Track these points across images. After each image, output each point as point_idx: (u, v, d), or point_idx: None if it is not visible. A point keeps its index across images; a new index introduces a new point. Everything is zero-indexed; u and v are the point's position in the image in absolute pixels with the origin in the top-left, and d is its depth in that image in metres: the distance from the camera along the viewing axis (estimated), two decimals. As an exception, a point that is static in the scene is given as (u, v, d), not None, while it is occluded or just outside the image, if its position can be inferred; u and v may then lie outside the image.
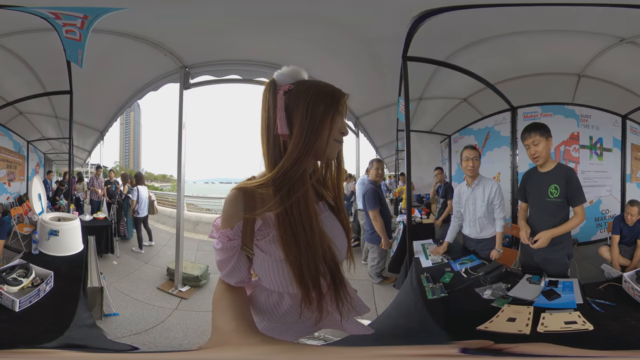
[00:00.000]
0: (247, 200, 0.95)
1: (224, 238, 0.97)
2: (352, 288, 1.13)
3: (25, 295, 2.10)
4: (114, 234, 3.81)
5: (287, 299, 1.05)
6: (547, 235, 2.33)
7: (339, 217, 1.12)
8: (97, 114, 4.01)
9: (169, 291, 3.36)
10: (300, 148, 0.91)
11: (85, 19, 2.47)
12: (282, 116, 0.93)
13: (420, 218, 4.08)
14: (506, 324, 1.87)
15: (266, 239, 0.97)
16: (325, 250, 0.97)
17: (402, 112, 3.42)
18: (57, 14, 2.46)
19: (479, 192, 2.90)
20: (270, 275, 1.00)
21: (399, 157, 4.43)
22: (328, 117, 0.93)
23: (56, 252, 2.83)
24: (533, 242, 2.37)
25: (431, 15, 2.82)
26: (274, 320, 1.07)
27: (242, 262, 1.01)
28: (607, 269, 2.96)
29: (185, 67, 3.42)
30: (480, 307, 2.10)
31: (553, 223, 2.40)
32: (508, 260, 3.00)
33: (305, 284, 0.95)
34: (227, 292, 1.02)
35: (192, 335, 2.77)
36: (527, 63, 3.47)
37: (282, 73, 0.98)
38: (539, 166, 2.49)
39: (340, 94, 0.97)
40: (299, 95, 0.93)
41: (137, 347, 2.40)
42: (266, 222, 0.96)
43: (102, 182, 4.19)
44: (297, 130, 0.92)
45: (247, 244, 0.98)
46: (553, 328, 1.78)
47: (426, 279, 2.47)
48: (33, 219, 3.37)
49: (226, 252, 0.99)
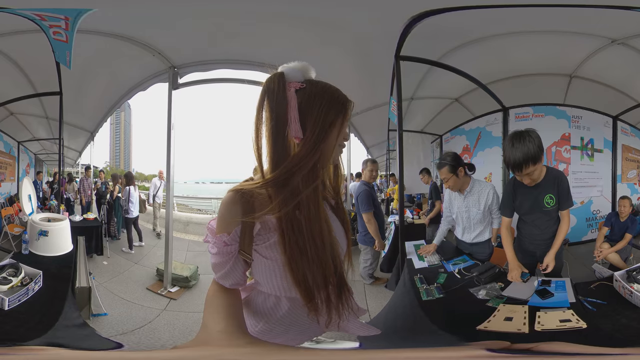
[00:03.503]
0: (245, 203, 0.89)
1: (220, 243, 0.93)
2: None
3: (15, 294, 2.14)
4: (104, 235, 3.81)
5: (285, 302, 1.02)
6: (553, 256, 2.29)
7: (338, 214, 1.10)
8: (87, 114, 4.02)
9: (158, 292, 3.38)
10: (307, 149, 0.88)
11: (67, 20, 2.47)
12: (297, 117, 0.89)
13: (412, 218, 4.08)
14: (504, 324, 1.88)
15: (266, 244, 0.93)
16: (336, 261, 0.95)
17: (394, 112, 3.42)
18: (42, 15, 2.46)
19: (473, 200, 2.73)
20: (271, 281, 0.98)
21: (390, 156, 4.43)
22: (338, 122, 0.92)
23: (46, 252, 2.85)
24: (543, 270, 2.30)
25: (426, 16, 2.82)
26: (271, 322, 1.05)
27: (238, 266, 0.97)
28: (598, 268, 2.99)
29: (174, 67, 3.42)
30: (476, 308, 2.11)
31: (551, 227, 2.40)
32: (500, 260, 2.99)
33: (312, 297, 0.92)
34: (220, 293, 0.99)
35: (178, 336, 2.78)
36: (519, 64, 3.47)
37: (292, 68, 0.93)
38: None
39: (349, 101, 0.95)
40: (315, 97, 0.91)
41: (122, 345, 2.42)
42: (266, 226, 0.92)
43: (91, 183, 4.20)
44: (308, 131, 0.89)
45: (245, 249, 0.93)
46: (549, 326, 1.81)
47: (420, 280, 2.46)
48: (23, 219, 3.38)
49: (222, 257, 0.95)
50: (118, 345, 2.41)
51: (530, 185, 2.25)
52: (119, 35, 3.13)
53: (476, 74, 3.50)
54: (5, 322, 1.98)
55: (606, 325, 1.79)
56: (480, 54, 3.36)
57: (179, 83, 3.46)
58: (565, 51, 3.30)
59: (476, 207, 2.72)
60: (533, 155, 2.03)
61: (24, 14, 2.52)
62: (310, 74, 0.96)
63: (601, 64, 3.27)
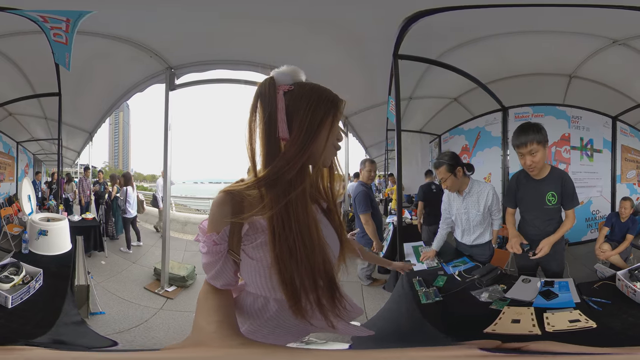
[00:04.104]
0: (234, 204, 0.92)
1: (210, 242, 0.95)
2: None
3: (17, 292, 2.20)
4: (102, 235, 3.83)
5: (273, 304, 1.03)
6: (550, 242, 2.28)
7: (331, 218, 1.10)
8: (85, 115, 4.05)
9: (156, 291, 3.39)
10: (295, 150, 0.89)
11: (68, 22, 2.49)
12: (284, 118, 0.91)
13: (410, 219, 4.07)
14: (512, 326, 1.88)
15: (253, 244, 0.95)
16: (326, 264, 0.95)
17: (392, 112, 3.41)
18: (45, 17, 2.49)
19: (472, 201, 2.69)
20: (257, 281, 0.98)
21: (389, 156, 4.42)
22: (327, 121, 0.93)
23: (45, 252, 2.90)
24: (533, 254, 2.30)
25: (424, 15, 2.80)
26: (258, 324, 1.06)
27: (228, 266, 0.98)
28: (600, 268, 2.96)
29: (171, 68, 3.42)
30: (478, 310, 2.09)
31: (551, 227, 2.39)
32: (500, 261, 2.96)
33: (297, 299, 0.93)
34: (211, 294, 1.00)
35: (173, 335, 2.79)
36: (519, 63, 3.45)
37: (282, 72, 0.96)
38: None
39: (339, 100, 0.96)
40: (301, 98, 0.92)
41: (117, 343, 2.45)
42: (253, 227, 0.94)
43: (90, 183, 4.22)
44: (295, 131, 0.90)
45: (234, 249, 0.95)
46: (560, 327, 1.81)
47: (418, 283, 2.43)
48: (23, 219, 3.42)
49: (212, 256, 0.97)
50: (114, 343, 2.44)
51: (532, 171, 2.29)
52: (117, 37, 3.15)
53: (475, 74, 3.48)
54: (11, 321, 2.04)
55: (615, 324, 1.80)
56: (479, 53, 3.35)
57: (176, 84, 3.47)
58: (566, 51, 3.28)
59: (475, 208, 2.68)
60: (536, 129, 2.17)
61: (29, 15, 2.54)
62: (299, 77, 0.97)
63: (601, 65, 3.25)
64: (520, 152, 2.24)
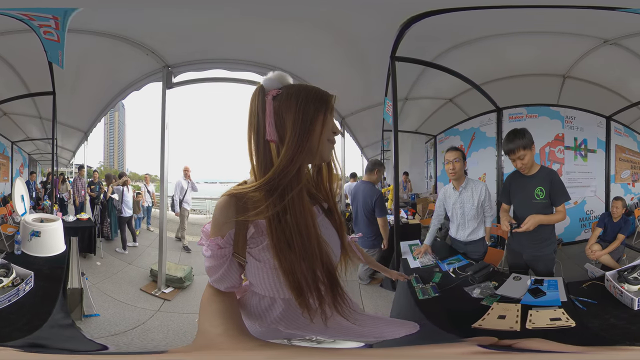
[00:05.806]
0: (238, 207, 0.92)
1: (214, 246, 0.94)
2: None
3: (5, 294, 2.12)
4: (97, 235, 3.79)
5: (279, 304, 1.03)
6: (535, 220, 2.34)
7: (331, 219, 1.10)
8: (80, 114, 4.00)
9: (152, 292, 3.36)
10: (293, 149, 0.90)
11: (57, 20, 2.46)
12: (271, 122, 0.92)
13: (407, 218, 4.08)
14: (497, 321, 1.91)
15: (259, 247, 0.95)
16: (323, 255, 0.95)
17: (388, 112, 3.42)
18: (29, 15, 2.44)
19: (467, 195, 2.84)
20: (264, 283, 0.99)
21: (385, 156, 4.43)
22: (319, 117, 0.93)
23: (38, 253, 2.85)
24: (517, 227, 2.39)
25: (421, 18, 2.82)
26: (265, 324, 1.06)
27: (233, 269, 0.98)
28: (590, 268, 3.00)
29: (168, 67, 3.40)
30: (470, 306, 2.13)
31: (538, 227, 2.41)
32: (494, 259, 3.02)
33: (301, 291, 0.93)
34: (215, 296, 1.00)
35: (172, 337, 2.76)
36: (513, 64, 3.48)
37: (269, 78, 0.98)
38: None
39: (328, 95, 0.97)
40: (290, 98, 0.93)
41: (107, 347, 2.39)
42: (259, 230, 0.94)
43: (85, 183, 4.18)
44: (289, 131, 0.91)
45: (239, 252, 0.95)
46: (539, 325, 1.84)
47: (415, 280, 2.47)
48: (16, 219, 3.37)
49: (216, 260, 0.96)
50: (103, 347, 2.38)
51: (523, 171, 2.50)
52: (112, 34, 3.12)
53: (470, 75, 3.51)
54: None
55: (594, 324, 1.81)
56: (474, 54, 3.37)
57: (173, 82, 3.45)
58: (559, 52, 3.32)
59: (470, 202, 2.83)
60: (520, 135, 2.41)
61: (11, 14, 2.50)
62: (287, 81, 1.00)
63: (594, 65, 3.29)
64: (511, 158, 2.48)
